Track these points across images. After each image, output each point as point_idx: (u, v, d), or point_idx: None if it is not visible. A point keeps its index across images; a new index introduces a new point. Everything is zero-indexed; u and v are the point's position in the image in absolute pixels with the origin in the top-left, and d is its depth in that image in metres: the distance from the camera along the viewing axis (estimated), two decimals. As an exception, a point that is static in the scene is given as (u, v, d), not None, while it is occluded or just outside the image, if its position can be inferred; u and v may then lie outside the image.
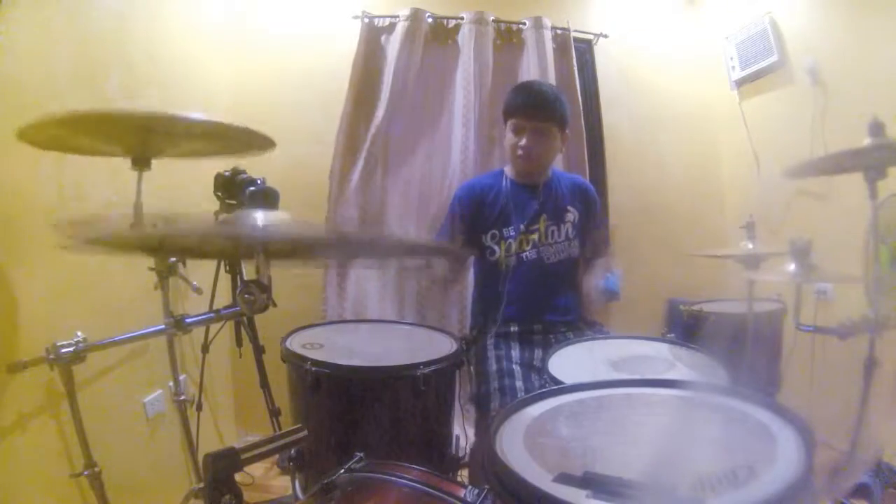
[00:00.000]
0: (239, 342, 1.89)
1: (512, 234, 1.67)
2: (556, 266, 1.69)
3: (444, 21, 2.49)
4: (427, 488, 0.80)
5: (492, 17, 2.49)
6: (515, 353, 1.59)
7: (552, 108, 1.63)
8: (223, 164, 1.59)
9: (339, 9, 2.46)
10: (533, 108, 1.63)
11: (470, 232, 1.69)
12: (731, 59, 2.57)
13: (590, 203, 1.79)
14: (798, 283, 1.49)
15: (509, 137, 1.68)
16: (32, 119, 0.96)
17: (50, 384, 1.27)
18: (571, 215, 1.72)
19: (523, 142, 1.63)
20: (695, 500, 0.62)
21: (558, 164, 2.19)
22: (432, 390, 1.31)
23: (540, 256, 1.68)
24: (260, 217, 0.74)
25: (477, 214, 1.71)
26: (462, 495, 0.77)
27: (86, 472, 1.16)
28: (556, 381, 1.17)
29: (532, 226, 1.68)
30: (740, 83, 2.58)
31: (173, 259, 1.42)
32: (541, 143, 1.64)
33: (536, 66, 2.47)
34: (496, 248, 1.68)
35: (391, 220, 2.45)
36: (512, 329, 1.65)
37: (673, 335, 1.59)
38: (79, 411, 1.14)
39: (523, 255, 1.68)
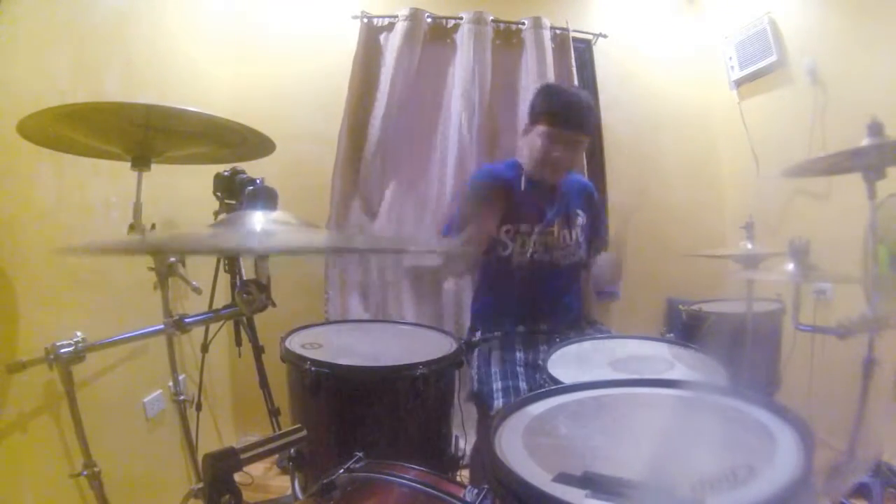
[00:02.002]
0: (238, 342, 1.90)
1: (526, 230, 1.64)
2: (566, 269, 1.68)
3: (444, 21, 2.49)
4: (427, 488, 0.80)
5: (491, 17, 2.49)
6: (520, 354, 1.58)
7: (591, 122, 1.62)
8: (223, 164, 1.60)
9: (339, 9, 2.46)
10: (575, 122, 1.57)
11: (484, 216, 1.61)
12: (731, 58, 2.57)
13: (594, 205, 1.78)
14: (797, 283, 1.49)
15: (542, 144, 1.58)
16: (32, 112, 0.96)
17: (50, 384, 1.27)
18: (580, 219, 1.71)
19: (557, 153, 1.57)
20: (694, 500, 0.62)
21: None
22: (432, 390, 1.31)
23: (552, 259, 1.66)
24: (259, 219, 0.73)
25: (493, 201, 1.62)
26: (462, 495, 0.78)
27: (85, 472, 1.16)
28: (556, 381, 1.16)
29: (548, 227, 1.66)
30: (739, 83, 2.58)
31: (173, 259, 1.42)
32: (575, 156, 1.65)
33: (535, 66, 2.47)
34: (510, 243, 1.64)
35: (391, 219, 2.45)
36: (519, 329, 1.64)
37: (672, 335, 1.59)
38: (78, 411, 1.14)
39: (535, 255, 1.65)
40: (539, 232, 1.65)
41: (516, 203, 1.66)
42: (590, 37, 2.67)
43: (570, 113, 1.59)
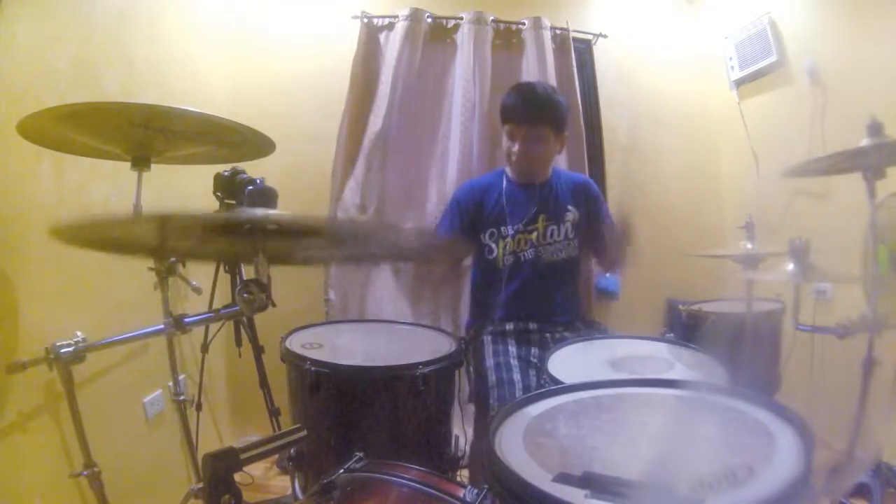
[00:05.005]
0: (238, 342, 1.89)
1: (510, 232, 1.67)
2: (555, 265, 1.69)
3: (444, 21, 2.49)
4: (426, 488, 0.80)
5: (491, 17, 2.49)
6: (513, 349, 1.60)
7: (545, 112, 1.61)
8: (223, 164, 1.60)
9: (339, 9, 2.46)
10: (526, 113, 1.61)
11: (469, 231, 1.69)
12: (731, 59, 2.57)
13: (591, 201, 1.78)
14: (797, 283, 1.49)
15: (505, 142, 1.67)
16: (31, 111, 0.96)
17: (50, 384, 1.26)
18: (571, 215, 1.72)
19: (517, 147, 1.63)
20: (694, 500, 0.62)
21: (559, 164, 2.20)
22: (432, 390, 1.31)
23: (538, 256, 1.68)
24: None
25: (476, 214, 1.71)
26: (461, 495, 0.77)
27: (85, 472, 1.16)
28: (556, 381, 1.17)
29: (530, 225, 1.68)
30: (739, 83, 2.58)
31: (173, 259, 1.42)
32: (535, 148, 1.63)
33: (536, 67, 2.47)
34: (494, 246, 1.68)
35: (390, 219, 2.45)
36: (508, 327, 1.65)
37: (672, 335, 1.59)
38: (78, 411, 1.14)
39: (521, 254, 1.68)
40: (521, 231, 1.66)
41: (497, 207, 1.69)
42: (590, 37, 2.67)
43: (520, 106, 1.62)
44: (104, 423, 1.41)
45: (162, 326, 1.03)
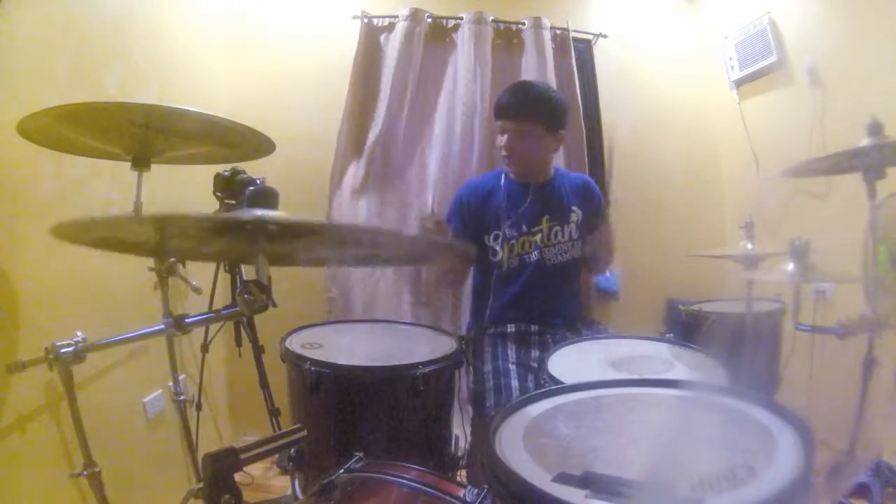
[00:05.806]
0: (238, 342, 1.89)
1: (514, 234, 1.66)
2: (558, 267, 1.68)
3: (444, 21, 2.49)
4: (426, 488, 0.80)
5: (491, 18, 2.49)
6: (512, 352, 1.59)
7: (533, 108, 1.60)
8: (223, 164, 1.60)
9: (339, 9, 2.46)
10: (513, 109, 1.61)
11: (472, 232, 1.68)
12: (731, 58, 2.57)
13: (594, 202, 1.78)
14: (797, 283, 1.49)
15: (497, 139, 1.67)
16: (32, 112, 0.96)
17: (50, 384, 1.27)
18: (575, 215, 1.71)
19: (503, 143, 1.62)
20: (694, 500, 0.62)
21: (559, 164, 2.20)
22: (432, 390, 1.31)
23: (542, 257, 1.67)
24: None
25: (479, 215, 1.69)
26: (461, 495, 0.77)
27: (85, 472, 1.16)
28: (556, 381, 1.17)
29: (534, 227, 1.67)
30: (739, 83, 2.58)
31: (172, 259, 1.42)
32: (523, 144, 1.61)
33: (535, 67, 2.47)
34: (498, 248, 1.66)
35: (391, 220, 2.45)
36: (509, 329, 1.65)
37: (672, 335, 1.59)
38: (78, 411, 1.14)
39: (526, 256, 1.66)
40: (525, 233, 1.66)
41: (500, 208, 1.68)
42: (590, 37, 2.67)
43: (509, 102, 1.62)
44: (104, 423, 1.41)
45: (162, 326, 1.03)
